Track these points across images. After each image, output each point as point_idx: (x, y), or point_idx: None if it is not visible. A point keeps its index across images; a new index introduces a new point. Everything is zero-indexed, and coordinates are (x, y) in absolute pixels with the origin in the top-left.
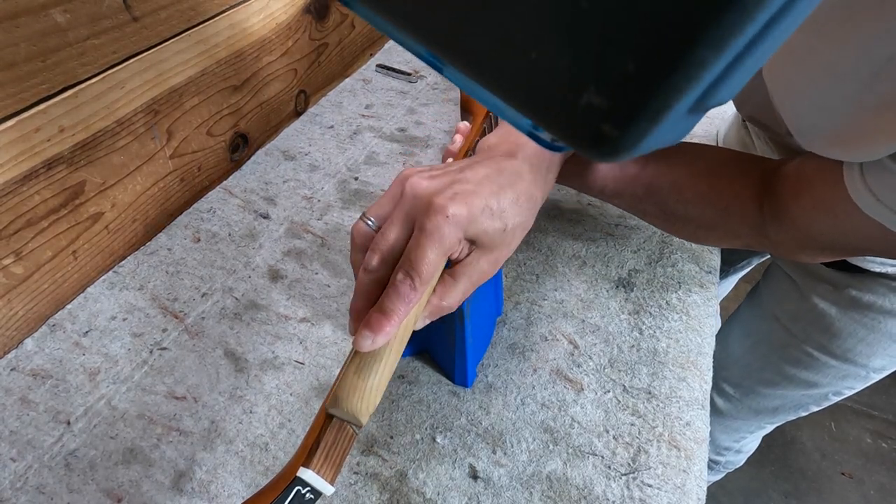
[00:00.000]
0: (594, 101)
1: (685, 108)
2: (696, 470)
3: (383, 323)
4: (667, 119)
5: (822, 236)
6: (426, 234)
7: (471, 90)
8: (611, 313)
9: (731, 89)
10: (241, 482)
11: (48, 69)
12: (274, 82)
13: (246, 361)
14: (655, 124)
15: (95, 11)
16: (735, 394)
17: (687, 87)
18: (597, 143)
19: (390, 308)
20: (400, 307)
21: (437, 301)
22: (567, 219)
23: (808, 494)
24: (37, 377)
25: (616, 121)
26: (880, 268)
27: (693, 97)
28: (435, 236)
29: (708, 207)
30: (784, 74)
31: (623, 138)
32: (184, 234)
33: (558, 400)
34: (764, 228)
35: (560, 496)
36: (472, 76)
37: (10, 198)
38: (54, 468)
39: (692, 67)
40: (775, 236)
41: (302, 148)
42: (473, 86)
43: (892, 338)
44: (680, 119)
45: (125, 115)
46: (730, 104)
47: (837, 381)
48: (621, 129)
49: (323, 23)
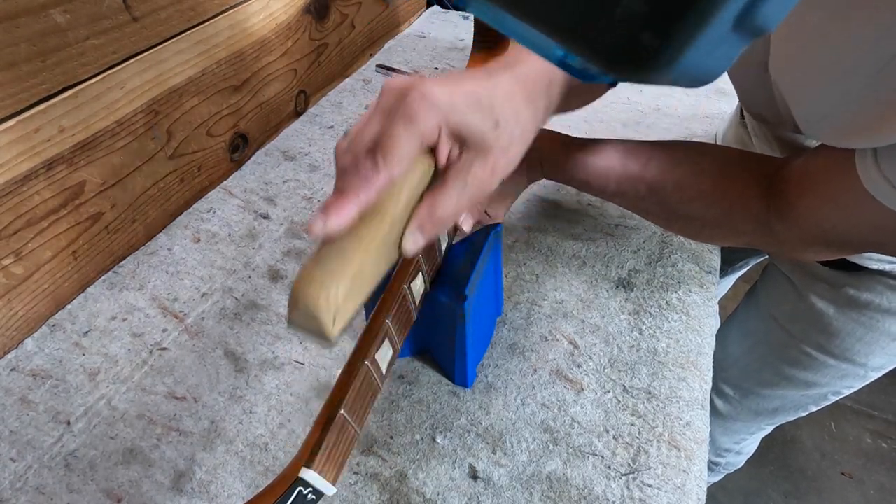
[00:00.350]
0: (634, 7)
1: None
2: (696, 470)
3: (339, 203)
4: (709, 30)
5: (830, 231)
6: (397, 113)
7: (499, 22)
8: (611, 313)
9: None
10: (241, 482)
11: (48, 69)
12: (274, 82)
13: (246, 361)
14: (698, 33)
15: (95, 11)
16: (734, 395)
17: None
18: (635, 56)
19: (347, 187)
20: (358, 184)
21: (427, 211)
22: (567, 219)
23: (808, 494)
24: (37, 377)
25: (657, 28)
26: (878, 265)
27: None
28: (406, 114)
29: (712, 206)
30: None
31: (664, 49)
32: (184, 235)
33: (558, 400)
34: (769, 226)
35: (560, 496)
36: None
37: (10, 198)
38: (54, 468)
39: None
40: (781, 234)
41: (302, 148)
42: (502, 16)
43: (891, 336)
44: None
45: (125, 115)
46: (731, 103)
47: (836, 381)
48: (662, 37)
49: (323, 23)
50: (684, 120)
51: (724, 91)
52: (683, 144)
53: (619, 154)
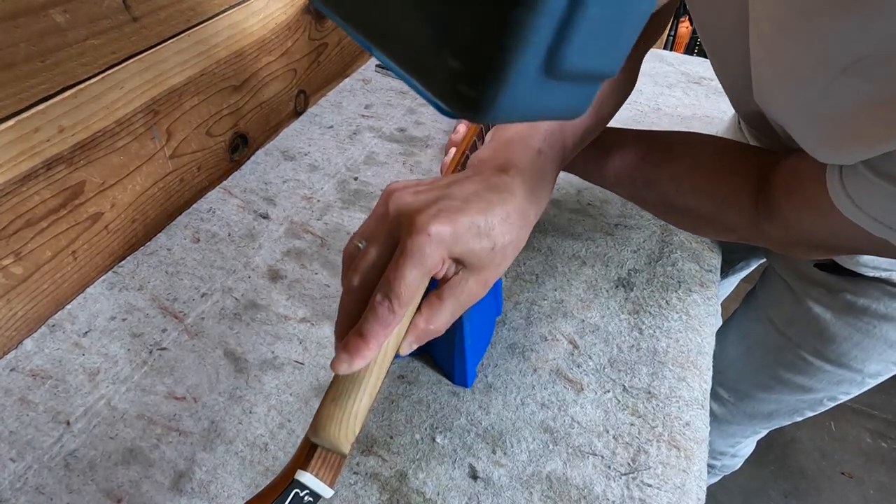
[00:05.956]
0: (452, 64)
1: (532, 69)
2: (695, 470)
3: (360, 346)
4: (515, 79)
5: (811, 235)
6: (406, 254)
7: (393, 70)
8: (610, 313)
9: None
10: (241, 482)
11: (48, 69)
12: (273, 82)
13: (246, 362)
14: (505, 84)
15: (95, 11)
16: (730, 398)
17: (518, 47)
18: (461, 103)
19: (368, 331)
20: (378, 330)
21: (424, 325)
22: (567, 219)
23: (807, 494)
24: (36, 377)
25: (470, 81)
26: (873, 272)
27: (533, 57)
28: (415, 256)
29: (706, 200)
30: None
31: (480, 98)
32: (183, 235)
33: (558, 400)
34: (758, 224)
35: (560, 496)
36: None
37: (9, 198)
38: (54, 468)
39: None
40: (768, 233)
41: (301, 148)
42: (391, 65)
43: (888, 342)
44: (536, 82)
45: (125, 115)
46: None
47: (832, 387)
48: (476, 89)
49: (322, 23)
50: (684, 120)
51: (723, 91)
52: (683, 136)
53: (618, 145)
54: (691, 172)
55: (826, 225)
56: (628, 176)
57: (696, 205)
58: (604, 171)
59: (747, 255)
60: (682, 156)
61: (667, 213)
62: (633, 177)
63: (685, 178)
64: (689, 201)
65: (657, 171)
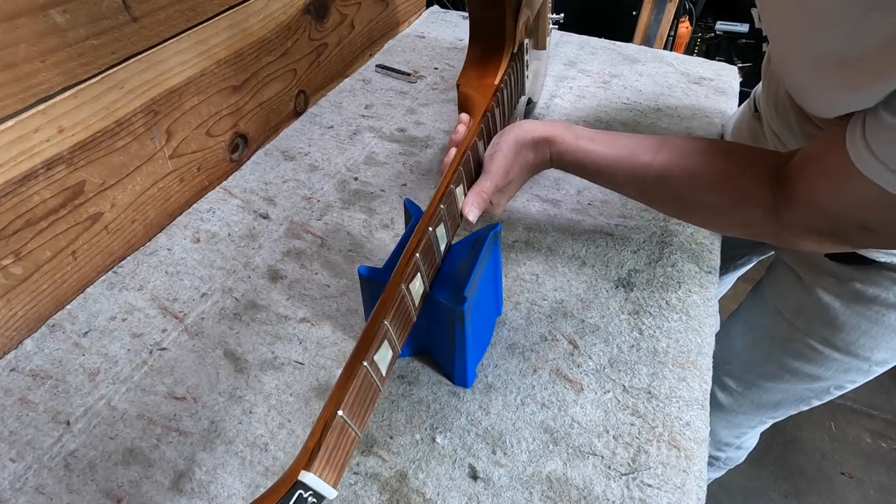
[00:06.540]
0: None
1: None
2: (695, 470)
3: None
4: None
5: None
6: None
7: None
8: (610, 313)
9: None
10: (241, 482)
11: (48, 69)
12: (273, 82)
13: (246, 362)
14: None
15: (95, 12)
16: (737, 388)
17: None
18: None
19: None
20: None
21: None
22: (567, 218)
23: (808, 494)
24: (36, 377)
25: None
26: (886, 257)
27: None
28: None
29: (723, 194)
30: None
31: None
32: (183, 235)
33: (558, 400)
34: (777, 213)
35: (560, 496)
36: None
37: (9, 198)
38: (54, 469)
39: None
40: (785, 219)
41: (302, 148)
42: None
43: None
44: None
45: (124, 115)
46: (731, 103)
47: (840, 375)
48: None
49: (322, 23)
50: (684, 120)
51: (723, 91)
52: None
53: (629, 144)
54: (707, 167)
55: (837, 195)
56: (640, 174)
57: (714, 199)
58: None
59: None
60: (697, 153)
61: (679, 209)
62: (645, 175)
63: (701, 173)
64: (705, 196)
65: (670, 167)
